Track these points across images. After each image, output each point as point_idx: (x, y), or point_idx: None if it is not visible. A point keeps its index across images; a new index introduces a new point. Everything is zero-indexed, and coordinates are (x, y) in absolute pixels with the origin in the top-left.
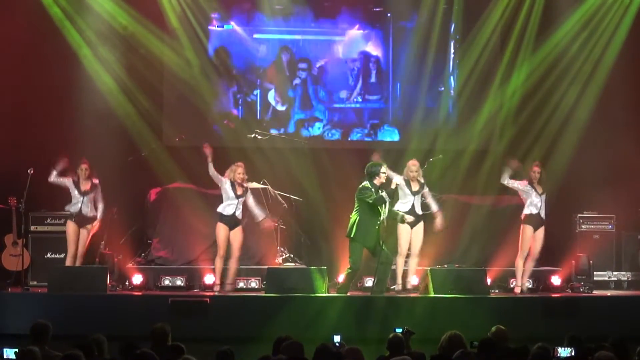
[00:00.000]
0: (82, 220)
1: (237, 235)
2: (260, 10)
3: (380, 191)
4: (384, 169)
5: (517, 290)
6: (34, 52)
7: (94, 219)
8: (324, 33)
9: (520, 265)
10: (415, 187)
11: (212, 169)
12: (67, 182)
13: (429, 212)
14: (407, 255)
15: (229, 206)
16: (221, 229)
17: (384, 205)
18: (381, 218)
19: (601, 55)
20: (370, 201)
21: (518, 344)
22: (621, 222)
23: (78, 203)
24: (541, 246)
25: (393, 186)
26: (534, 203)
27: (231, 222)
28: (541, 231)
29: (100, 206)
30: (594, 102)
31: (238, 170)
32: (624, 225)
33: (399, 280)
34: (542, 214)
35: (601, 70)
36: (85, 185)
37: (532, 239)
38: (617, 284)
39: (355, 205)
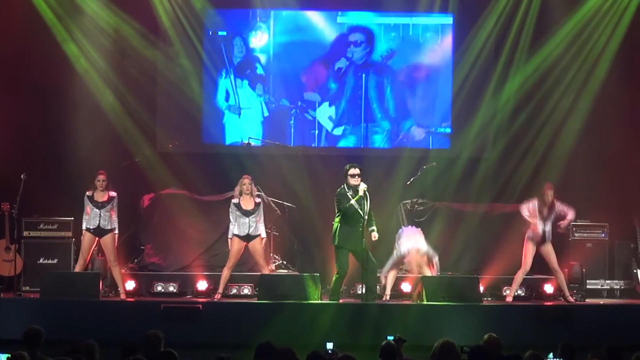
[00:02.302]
0: (100, 232)
1: (256, 246)
2: None
3: (351, 196)
4: (352, 170)
5: (509, 299)
6: (27, 57)
7: (112, 230)
8: None
9: (519, 278)
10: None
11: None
12: (86, 201)
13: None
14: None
15: (242, 225)
16: (235, 241)
17: (363, 207)
18: (364, 220)
19: (594, 64)
20: (341, 208)
21: (510, 352)
22: (614, 230)
23: (95, 218)
24: (555, 257)
25: (361, 192)
26: (535, 230)
27: (245, 237)
28: (548, 247)
29: (115, 219)
30: (587, 110)
31: (244, 182)
32: (617, 233)
33: (388, 291)
34: (545, 237)
35: (594, 79)
36: (101, 197)
37: (533, 255)
38: (610, 293)
39: (336, 211)
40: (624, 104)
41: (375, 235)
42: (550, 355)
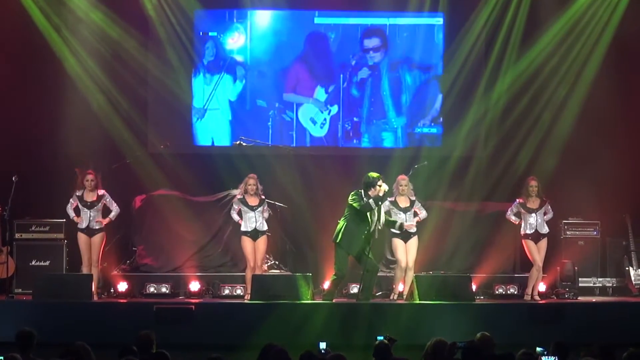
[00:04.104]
0: (91, 232)
1: (259, 245)
2: None
3: (367, 199)
4: (380, 182)
5: (527, 297)
6: (18, 59)
7: (101, 230)
8: None
9: (534, 276)
10: (404, 204)
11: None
12: (74, 199)
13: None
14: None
15: (249, 220)
16: (246, 241)
17: (373, 215)
18: (370, 228)
19: (585, 61)
20: (358, 207)
21: (503, 350)
22: (606, 228)
23: (86, 218)
24: (543, 256)
25: (381, 193)
26: (528, 222)
27: (253, 234)
28: (542, 242)
29: (115, 210)
30: (579, 107)
31: (249, 182)
32: (609, 231)
33: (397, 290)
34: (541, 230)
35: (586, 76)
36: (91, 197)
37: (537, 250)
38: (602, 290)
39: (345, 211)
40: (615, 102)
41: (409, 225)
42: (539, 349)
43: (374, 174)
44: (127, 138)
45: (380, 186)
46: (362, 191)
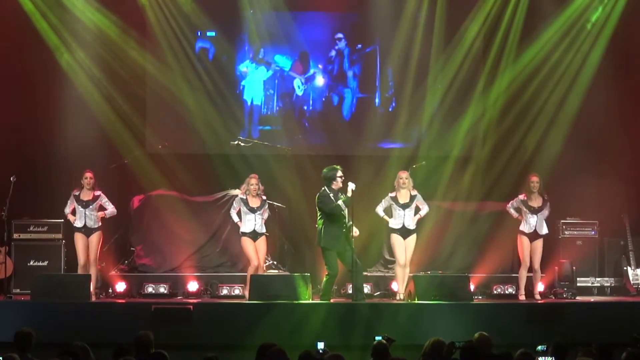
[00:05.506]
0: (87, 231)
1: (260, 246)
2: None
3: (340, 195)
4: (340, 172)
5: (521, 297)
6: (15, 59)
7: (99, 229)
8: None
9: (523, 276)
10: (404, 199)
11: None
12: (71, 200)
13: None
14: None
15: (248, 222)
16: (247, 241)
17: (345, 210)
18: (346, 221)
19: (584, 62)
20: (328, 211)
21: (501, 350)
22: (604, 228)
23: (82, 217)
24: (539, 257)
25: (349, 193)
26: (528, 221)
27: (253, 235)
28: (538, 242)
29: (110, 210)
30: (577, 107)
31: (251, 182)
32: (607, 231)
33: (401, 290)
34: (540, 231)
35: (583, 76)
36: (87, 196)
37: (529, 250)
38: (600, 290)
39: (318, 213)
40: (613, 102)
41: (356, 231)
42: (540, 347)
43: (332, 167)
44: (125, 138)
45: (341, 177)
46: (325, 188)
